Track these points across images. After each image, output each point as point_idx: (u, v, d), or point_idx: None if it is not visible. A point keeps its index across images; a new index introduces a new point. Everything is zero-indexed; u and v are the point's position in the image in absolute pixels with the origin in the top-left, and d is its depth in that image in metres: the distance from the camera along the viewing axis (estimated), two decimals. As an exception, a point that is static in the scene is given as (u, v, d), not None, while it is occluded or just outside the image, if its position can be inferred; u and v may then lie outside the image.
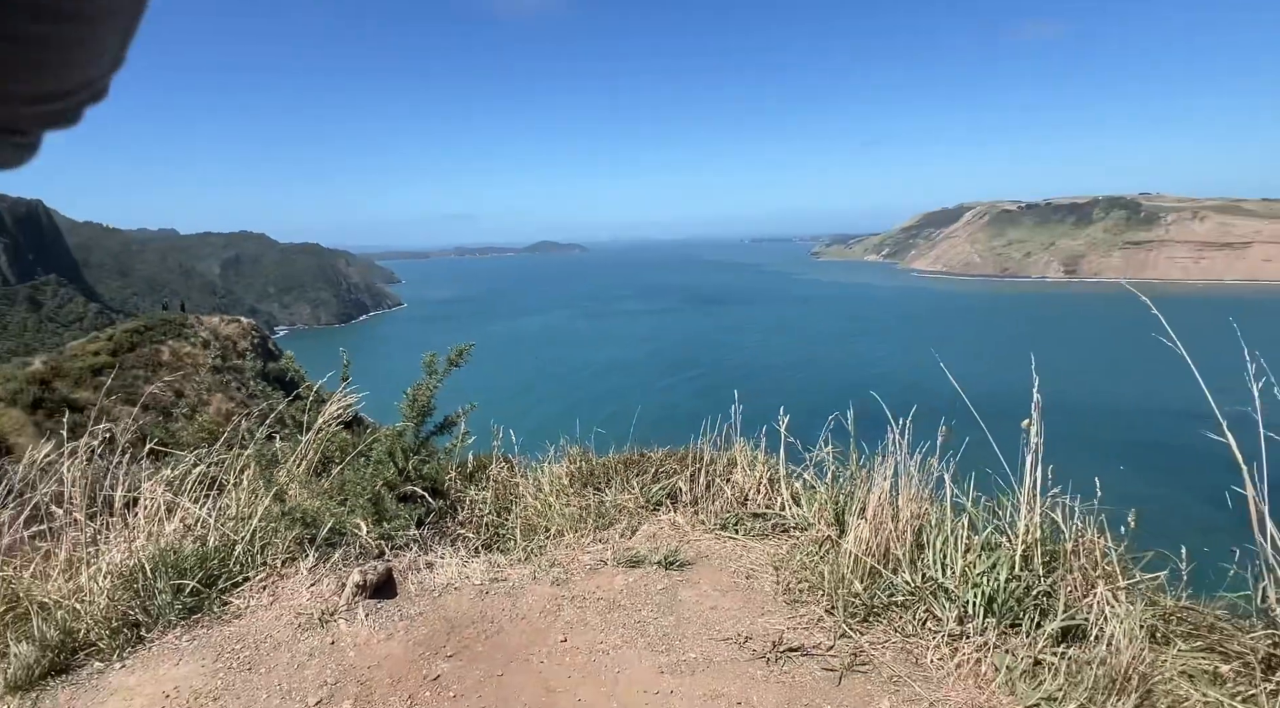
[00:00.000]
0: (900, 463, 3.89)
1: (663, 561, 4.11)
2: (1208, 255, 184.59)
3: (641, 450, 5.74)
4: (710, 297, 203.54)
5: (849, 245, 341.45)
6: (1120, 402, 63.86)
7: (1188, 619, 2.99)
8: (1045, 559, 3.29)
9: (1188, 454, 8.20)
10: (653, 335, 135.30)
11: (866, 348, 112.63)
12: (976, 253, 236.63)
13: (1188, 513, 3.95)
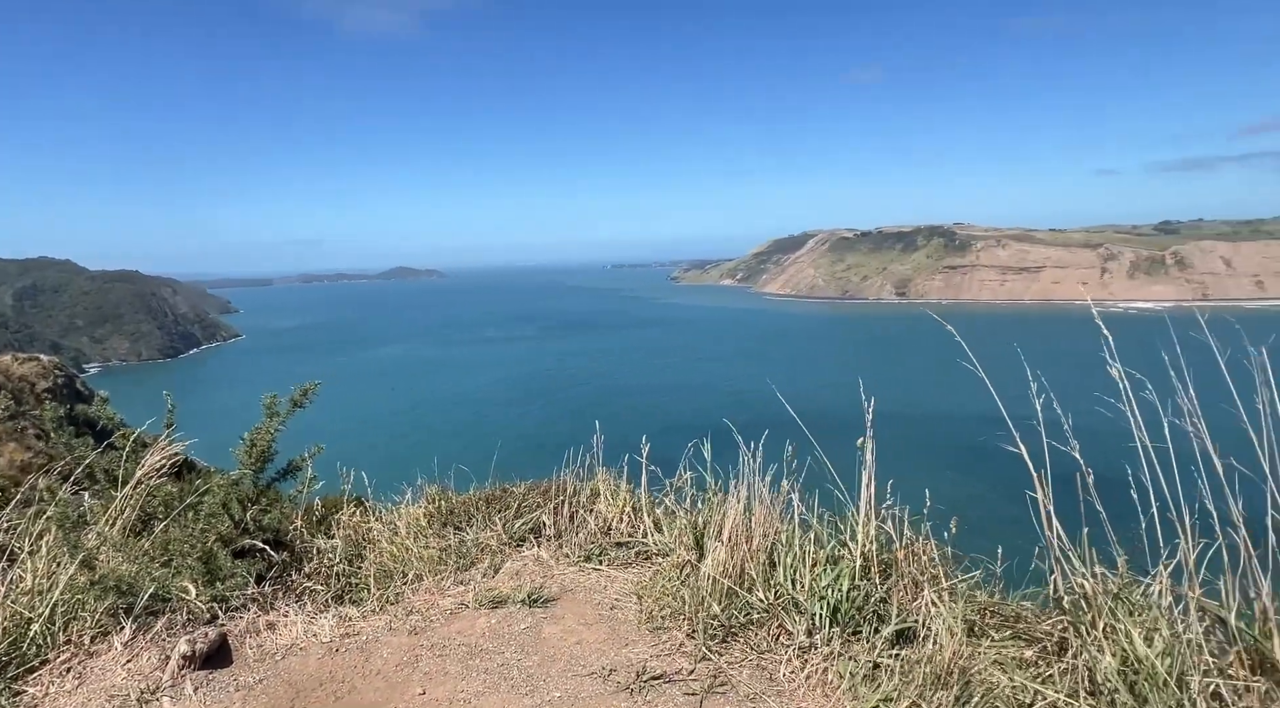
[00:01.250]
0: (753, 485, 4.09)
1: (526, 598, 4.05)
2: (1009, 278, 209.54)
3: (503, 485, 5.65)
4: (572, 323, 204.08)
5: (706, 270, 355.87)
6: (945, 409, 70.42)
7: (999, 612, 3.36)
8: (881, 568, 3.58)
9: (1001, 458, 9.49)
10: (514, 364, 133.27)
11: (725, 370, 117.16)
12: (820, 277, 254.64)
13: (1005, 513, 4.48)
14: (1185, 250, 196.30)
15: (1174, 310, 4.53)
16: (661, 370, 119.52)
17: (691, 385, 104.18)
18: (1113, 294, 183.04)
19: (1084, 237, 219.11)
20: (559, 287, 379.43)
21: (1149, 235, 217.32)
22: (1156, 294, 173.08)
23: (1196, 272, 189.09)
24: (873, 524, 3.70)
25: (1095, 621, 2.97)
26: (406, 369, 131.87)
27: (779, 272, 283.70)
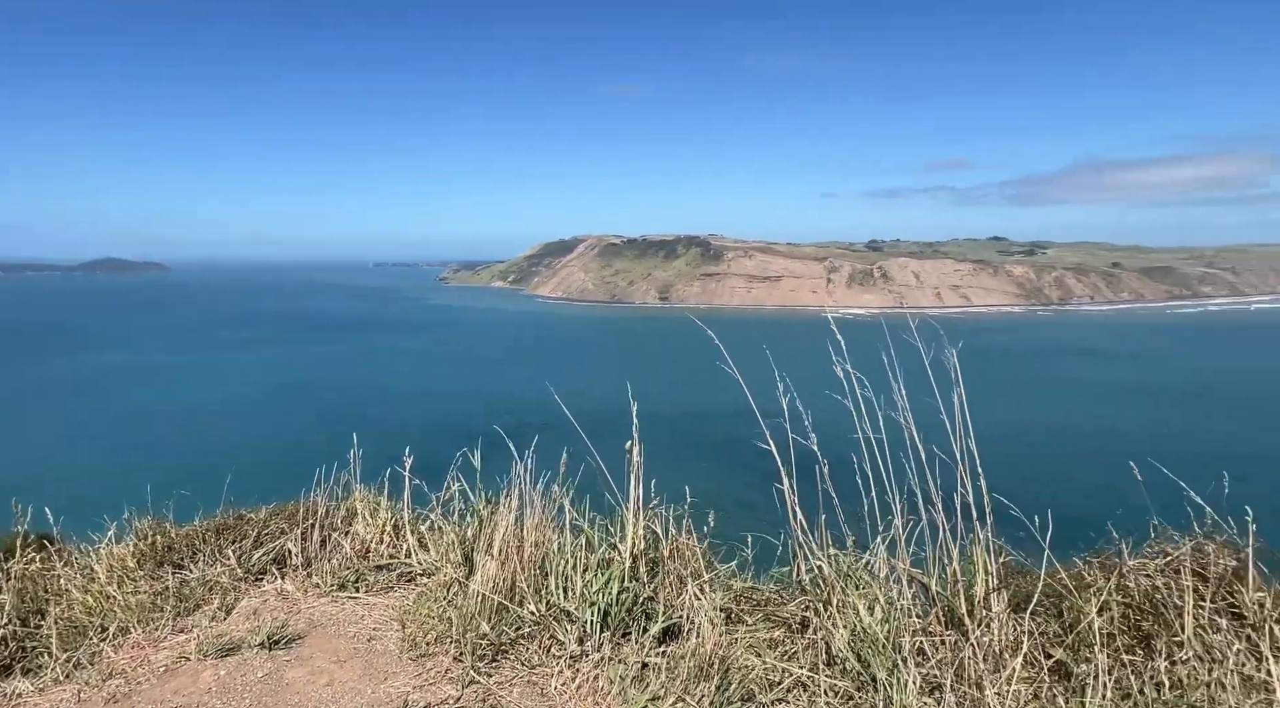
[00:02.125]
0: (525, 493, 3.99)
1: (266, 640, 3.55)
2: (755, 286, 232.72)
3: (239, 512, 4.94)
4: (329, 324, 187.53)
5: (476, 271, 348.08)
6: (706, 407, 75.88)
7: (752, 598, 3.62)
8: (649, 567, 3.67)
9: (755, 451, 10.54)
10: (259, 371, 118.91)
11: (497, 373, 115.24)
12: (590, 281, 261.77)
13: (758, 503, 4.88)
14: (888, 265, 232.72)
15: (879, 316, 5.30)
16: (429, 375, 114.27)
17: (461, 390, 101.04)
18: (836, 301, 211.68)
19: (814, 250, 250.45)
20: (314, 285, 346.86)
21: (862, 251, 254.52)
22: (867, 302, 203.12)
23: (896, 284, 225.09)
24: (641, 524, 3.79)
25: (831, 598, 3.30)
26: (116, 381, 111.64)
27: (550, 275, 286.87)
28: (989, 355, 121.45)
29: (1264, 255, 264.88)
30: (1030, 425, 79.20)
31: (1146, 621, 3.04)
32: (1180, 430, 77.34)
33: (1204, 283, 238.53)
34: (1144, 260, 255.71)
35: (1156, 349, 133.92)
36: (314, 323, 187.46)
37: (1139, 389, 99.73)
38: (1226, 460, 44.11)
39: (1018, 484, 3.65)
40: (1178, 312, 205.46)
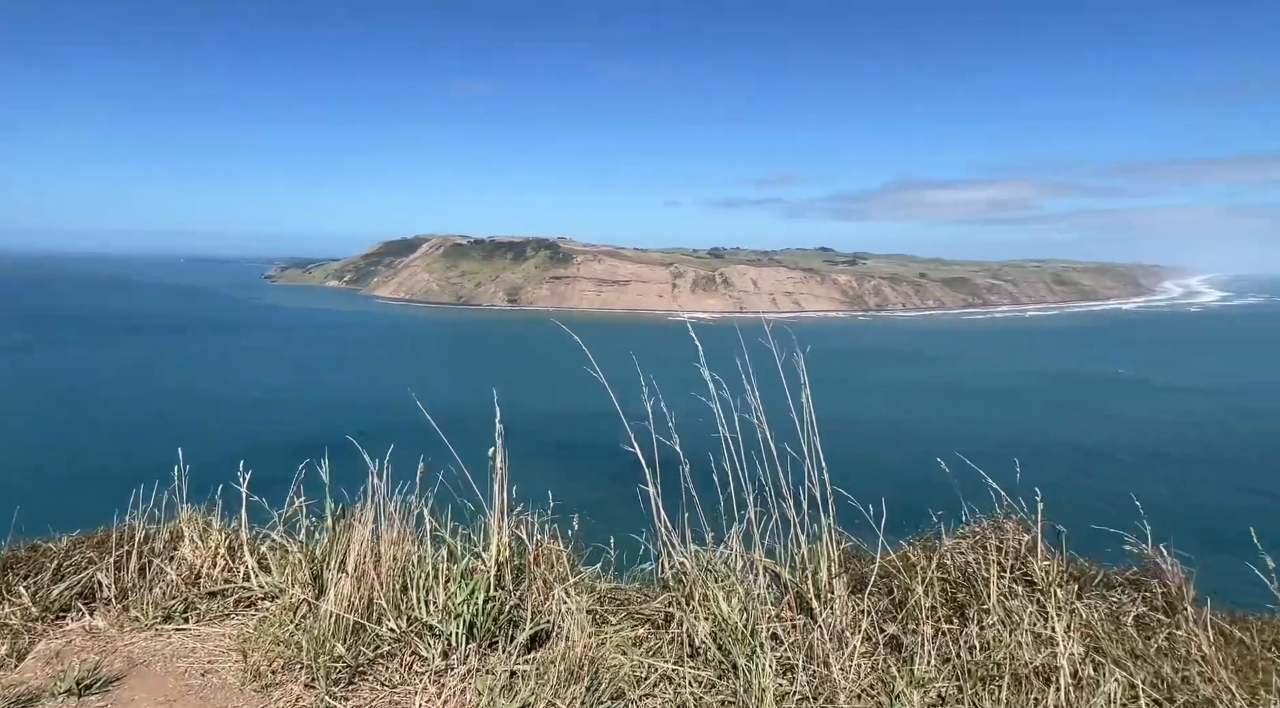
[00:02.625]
0: (381, 505, 3.81)
1: (74, 686, 3.14)
2: (605, 290, 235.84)
3: (34, 541, 4.31)
4: (137, 325, 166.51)
5: (308, 270, 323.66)
6: (567, 409, 75.61)
7: (618, 598, 3.70)
8: (515, 574, 3.64)
9: (620, 452, 10.54)
10: (53, 378, 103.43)
11: (341, 379, 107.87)
12: (435, 282, 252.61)
13: (624, 503, 4.99)
14: (728, 272, 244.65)
15: (721, 320, 5.60)
16: (261, 382, 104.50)
17: (302, 398, 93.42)
18: (681, 305, 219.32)
19: (660, 256, 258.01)
20: (116, 280, 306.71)
21: (704, 258, 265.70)
22: (710, 306, 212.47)
23: (736, 289, 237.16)
24: (506, 531, 3.75)
25: (693, 592, 3.46)
26: None
27: (391, 275, 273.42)
28: (820, 357, 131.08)
29: (1037, 270, 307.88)
30: (860, 421, 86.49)
31: (961, 593, 3.46)
32: (979, 424, 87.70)
33: (991, 292, 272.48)
34: (945, 272, 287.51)
35: (956, 351, 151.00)
36: (122, 324, 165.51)
37: (944, 388, 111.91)
38: (1016, 449, 50.08)
39: (854, 476, 4.02)
40: (971, 318, 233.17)
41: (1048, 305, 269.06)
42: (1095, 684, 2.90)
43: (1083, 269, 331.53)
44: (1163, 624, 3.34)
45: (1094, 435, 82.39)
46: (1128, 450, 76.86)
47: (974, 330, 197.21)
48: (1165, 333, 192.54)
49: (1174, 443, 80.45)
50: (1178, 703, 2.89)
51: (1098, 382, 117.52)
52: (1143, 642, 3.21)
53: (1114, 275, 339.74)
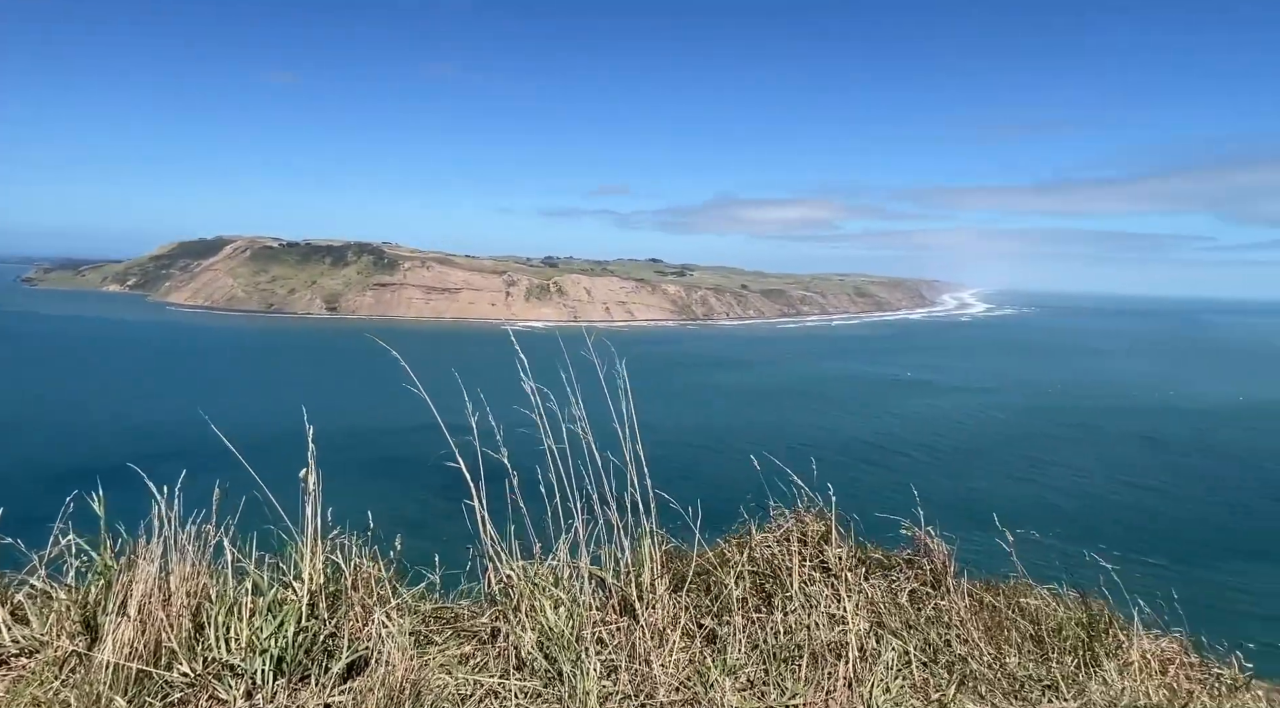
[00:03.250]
0: (172, 538, 3.45)
1: None
2: (434, 297, 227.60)
3: None
4: None
5: (81, 273, 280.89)
6: (390, 425, 71.61)
7: (443, 617, 3.62)
8: (330, 602, 3.45)
9: (445, 468, 10.01)
10: None
11: (121, 397, 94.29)
12: (240, 287, 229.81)
13: (449, 519, 4.80)
14: (562, 281, 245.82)
15: (555, 329, 5.69)
16: (20, 403, 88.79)
17: (70, 421, 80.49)
18: (515, 314, 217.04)
19: (493, 264, 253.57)
20: None
21: (539, 267, 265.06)
22: (544, 315, 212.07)
23: (570, 298, 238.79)
24: (320, 556, 3.55)
25: (520, 604, 3.48)
26: None
27: (187, 279, 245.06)
28: (652, 364, 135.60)
29: (841, 283, 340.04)
30: (685, 426, 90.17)
31: (769, 583, 3.77)
32: (789, 425, 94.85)
33: (804, 303, 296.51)
34: (764, 284, 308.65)
35: (773, 358, 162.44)
36: None
37: (761, 391, 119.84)
38: (818, 447, 55.30)
39: (676, 480, 4.25)
40: (786, 326, 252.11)
41: (850, 315, 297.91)
42: (877, 655, 3.29)
43: (878, 283, 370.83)
44: (930, 596, 3.85)
45: (882, 432, 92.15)
46: (909, 444, 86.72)
47: (789, 338, 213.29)
48: (943, 339, 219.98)
49: (946, 436, 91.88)
50: (940, 663, 3.35)
51: (888, 384, 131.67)
52: (915, 613, 3.69)
53: (903, 289, 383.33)
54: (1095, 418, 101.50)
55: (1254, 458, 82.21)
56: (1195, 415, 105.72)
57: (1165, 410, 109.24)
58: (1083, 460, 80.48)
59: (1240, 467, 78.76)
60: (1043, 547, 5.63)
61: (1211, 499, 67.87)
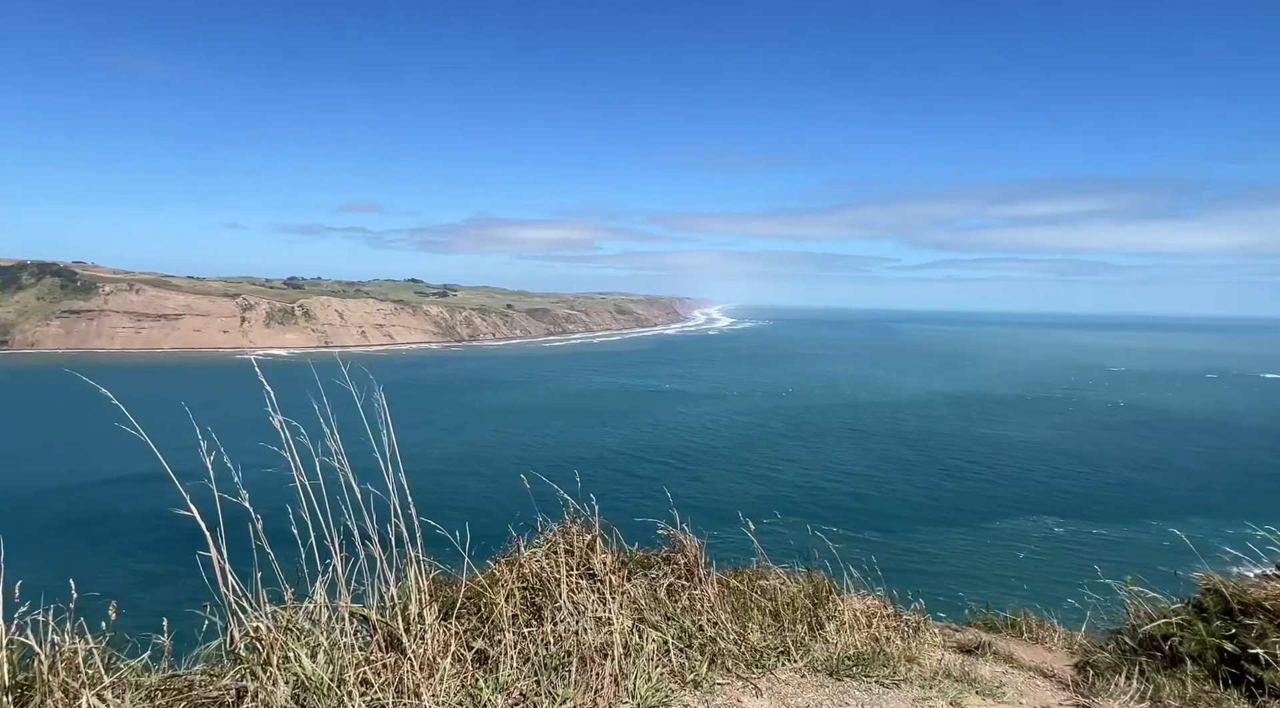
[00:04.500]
0: None
1: None
2: (147, 325, 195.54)
3: None
4: None
5: None
6: (91, 478, 59.74)
7: (175, 687, 3.21)
8: (18, 694, 2.90)
9: (177, 518, 8.32)
10: None
11: None
12: None
13: (185, 574, 4.13)
14: (310, 304, 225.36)
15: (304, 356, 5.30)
16: None
17: None
18: (253, 341, 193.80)
19: (222, 286, 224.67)
20: None
21: (280, 289, 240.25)
22: (290, 342, 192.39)
23: (320, 323, 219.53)
24: (2, 640, 2.96)
25: (270, 657, 3.20)
26: None
27: None
28: (415, 389, 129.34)
29: (602, 301, 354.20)
30: (452, 450, 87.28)
31: (539, 596, 3.88)
32: (556, 441, 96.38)
33: (569, 322, 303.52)
34: (529, 303, 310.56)
35: (541, 376, 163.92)
36: None
37: (530, 410, 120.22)
38: (582, 461, 57.14)
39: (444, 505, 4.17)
40: (553, 344, 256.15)
41: (613, 332, 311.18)
42: (640, 648, 3.56)
43: (637, 301, 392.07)
44: (685, 588, 4.24)
45: (643, 441, 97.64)
46: (665, 452, 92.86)
47: (555, 356, 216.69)
48: (695, 352, 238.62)
49: (698, 442, 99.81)
50: (695, 647, 3.71)
51: (648, 395, 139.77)
52: (672, 605, 4.04)
53: (659, 306, 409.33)
54: (817, 416, 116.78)
55: (928, 441, 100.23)
56: (889, 407, 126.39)
57: (867, 405, 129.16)
58: (809, 455, 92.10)
59: (920, 450, 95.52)
60: (779, 534, 6.43)
61: (904, 479, 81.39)
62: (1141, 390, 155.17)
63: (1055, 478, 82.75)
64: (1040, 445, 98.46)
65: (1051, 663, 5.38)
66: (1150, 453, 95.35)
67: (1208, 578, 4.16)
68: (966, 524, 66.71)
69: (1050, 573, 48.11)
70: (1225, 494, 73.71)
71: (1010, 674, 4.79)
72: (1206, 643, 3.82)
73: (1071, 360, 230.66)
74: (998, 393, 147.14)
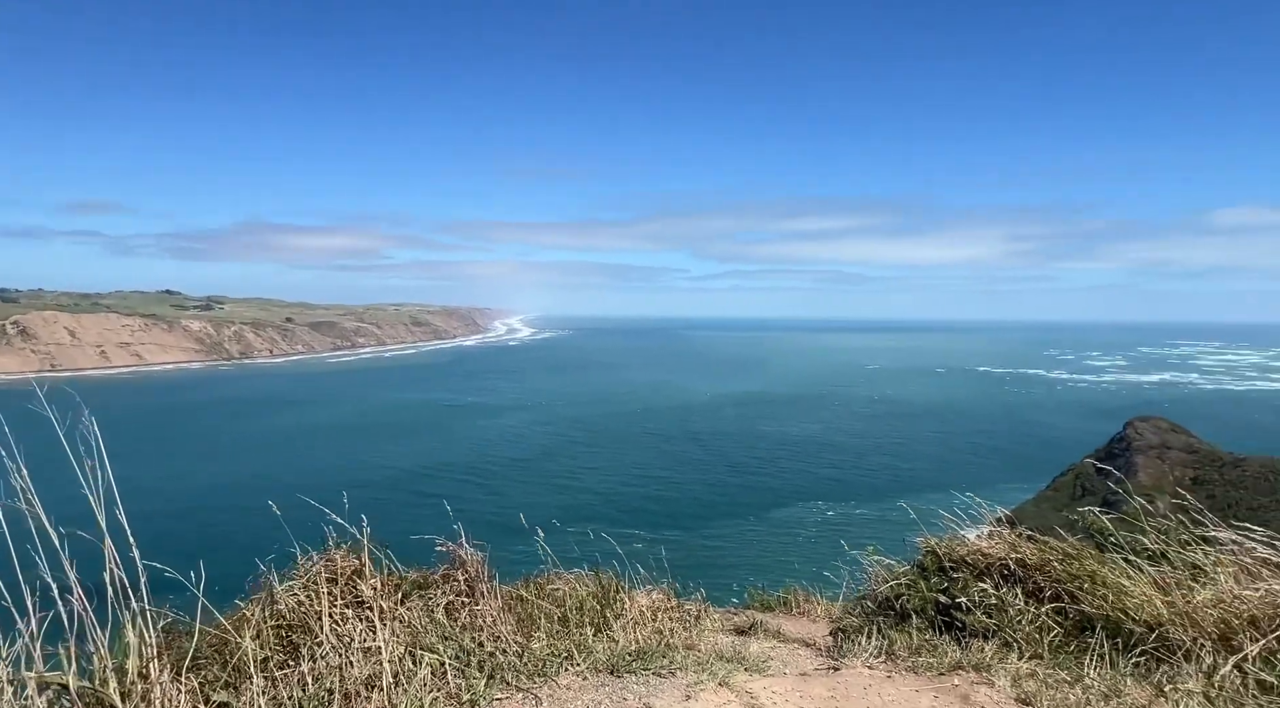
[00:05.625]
0: None
1: None
2: None
3: None
4: None
5: None
6: None
7: None
8: None
9: None
10: None
11: None
12: None
13: None
14: (28, 320, 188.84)
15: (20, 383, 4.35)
16: None
17: None
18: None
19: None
20: None
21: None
22: (3, 366, 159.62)
23: (43, 342, 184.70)
24: None
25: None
26: None
27: None
28: (172, 414, 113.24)
29: (396, 313, 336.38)
30: (206, 481, 77.79)
31: (296, 634, 3.52)
32: (335, 462, 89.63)
33: (359, 335, 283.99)
34: (312, 316, 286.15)
35: (325, 394, 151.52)
36: None
37: (305, 431, 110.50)
38: (362, 483, 53.71)
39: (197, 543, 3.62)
40: (340, 360, 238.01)
41: (407, 344, 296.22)
42: (413, 674, 3.35)
43: (434, 312, 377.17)
44: (466, 605, 4.09)
45: (435, 457, 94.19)
46: (458, 467, 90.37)
47: (344, 372, 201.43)
48: (496, 363, 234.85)
49: (497, 454, 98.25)
50: (473, 664, 3.58)
51: (444, 409, 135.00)
52: (451, 625, 3.86)
53: (458, 317, 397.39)
54: (616, 422, 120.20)
55: (717, 441, 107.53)
56: (682, 411, 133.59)
57: (663, 409, 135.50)
58: (609, 461, 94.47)
59: (711, 449, 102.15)
60: (575, 541, 6.46)
61: (696, 479, 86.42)
62: (891, 386, 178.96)
63: (824, 468, 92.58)
64: (811, 439, 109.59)
65: (814, 633, 5.94)
66: (897, 440, 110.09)
67: (926, 542, 4.83)
68: (753, 515, 72.31)
69: (824, 552, 53.68)
70: (954, 470, 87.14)
71: (778, 649, 5.20)
72: (926, 598, 4.43)
73: (837, 361, 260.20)
74: (776, 392, 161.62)
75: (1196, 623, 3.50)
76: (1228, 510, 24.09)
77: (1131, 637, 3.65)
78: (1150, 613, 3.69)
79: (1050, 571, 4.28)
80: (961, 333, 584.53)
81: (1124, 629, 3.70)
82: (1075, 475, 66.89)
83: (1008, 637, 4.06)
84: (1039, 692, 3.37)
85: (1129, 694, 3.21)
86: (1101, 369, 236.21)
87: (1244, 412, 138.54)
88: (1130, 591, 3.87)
